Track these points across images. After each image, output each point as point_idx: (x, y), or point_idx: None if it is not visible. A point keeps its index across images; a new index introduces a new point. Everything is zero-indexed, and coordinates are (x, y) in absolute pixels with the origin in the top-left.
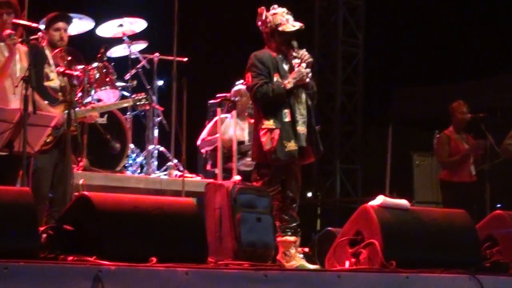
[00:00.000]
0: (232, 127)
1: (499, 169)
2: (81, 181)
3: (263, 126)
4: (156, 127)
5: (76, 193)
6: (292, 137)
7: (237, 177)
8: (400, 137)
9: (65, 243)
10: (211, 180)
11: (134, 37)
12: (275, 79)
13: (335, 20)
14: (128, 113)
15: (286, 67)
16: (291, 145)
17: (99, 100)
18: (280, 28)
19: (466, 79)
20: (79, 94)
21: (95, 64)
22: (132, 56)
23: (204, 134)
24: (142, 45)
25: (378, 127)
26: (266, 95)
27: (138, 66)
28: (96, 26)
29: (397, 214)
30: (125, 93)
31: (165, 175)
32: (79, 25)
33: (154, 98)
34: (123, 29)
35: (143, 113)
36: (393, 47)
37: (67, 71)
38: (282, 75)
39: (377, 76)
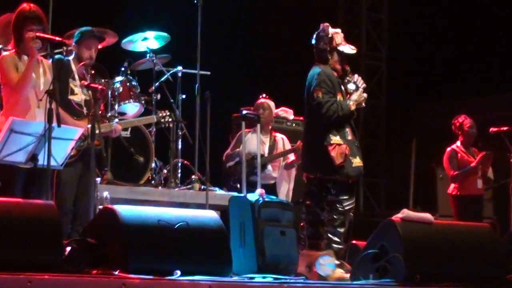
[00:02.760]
0: (253, 141)
1: None
2: (105, 194)
3: (331, 142)
4: (179, 140)
5: (100, 206)
6: (356, 153)
7: (261, 190)
8: (423, 151)
9: (89, 256)
10: (235, 193)
11: (158, 51)
12: (338, 98)
13: (358, 33)
14: (152, 126)
15: (342, 87)
16: (357, 161)
17: (122, 114)
18: (340, 48)
19: (490, 93)
20: (103, 108)
21: (118, 78)
22: (156, 70)
23: (228, 149)
24: (165, 58)
25: (402, 140)
26: (336, 113)
27: (162, 79)
28: (120, 40)
29: (421, 228)
30: (149, 107)
31: (189, 188)
32: (104, 39)
33: (178, 111)
34: (147, 42)
35: (167, 126)
36: (416, 60)
37: (91, 85)
38: (343, 96)
39: (400, 89)
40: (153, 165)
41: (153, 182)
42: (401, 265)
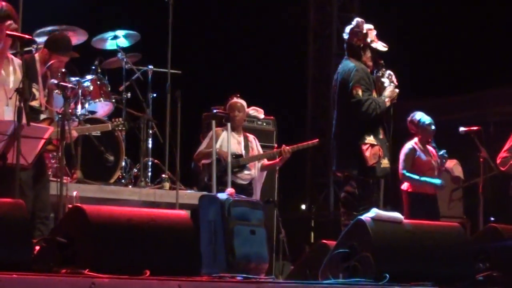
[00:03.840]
0: (230, 140)
1: (493, 183)
2: (74, 193)
3: (365, 141)
4: (150, 139)
5: (70, 205)
6: (386, 154)
7: (231, 190)
8: (392, 151)
9: (58, 255)
10: (205, 193)
11: (128, 50)
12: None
13: (329, 33)
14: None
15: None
16: (385, 163)
17: (93, 112)
18: (373, 45)
19: (460, 93)
20: (73, 106)
21: (89, 76)
22: (126, 68)
23: (201, 147)
24: (136, 57)
25: None
26: (374, 111)
27: (132, 78)
28: (90, 38)
29: (391, 227)
30: (119, 106)
31: (159, 187)
32: (73, 37)
33: (148, 110)
34: (118, 41)
35: (137, 125)
36: (387, 60)
37: (62, 83)
38: (376, 92)
39: None
40: (123, 164)
41: (123, 181)
42: (371, 264)
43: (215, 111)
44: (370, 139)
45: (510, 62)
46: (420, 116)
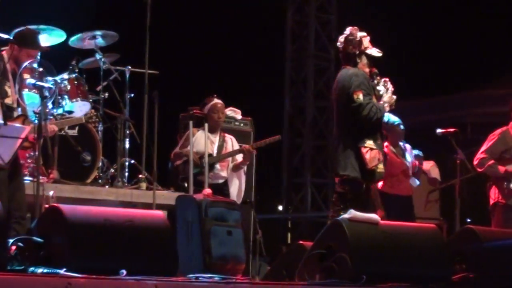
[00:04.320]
0: (202, 140)
1: (469, 184)
2: (51, 193)
3: (365, 145)
4: (127, 139)
5: (47, 205)
6: (382, 159)
7: (208, 190)
8: None
9: (34, 255)
10: (182, 193)
11: (106, 49)
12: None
13: (307, 34)
14: (100, 125)
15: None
16: (381, 168)
17: (70, 112)
18: (368, 51)
19: (436, 94)
20: (50, 106)
21: (66, 76)
22: (104, 68)
23: (177, 147)
24: (114, 57)
25: None
26: (375, 116)
27: (110, 78)
28: (68, 38)
29: (368, 228)
30: (96, 106)
31: (136, 187)
32: (51, 36)
33: (126, 110)
34: (95, 41)
35: (114, 125)
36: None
37: (39, 83)
38: (375, 98)
39: None
40: (100, 164)
41: (100, 181)
42: (348, 265)
43: (192, 111)
44: (369, 142)
45: (487, 64)
46: (388, 117)
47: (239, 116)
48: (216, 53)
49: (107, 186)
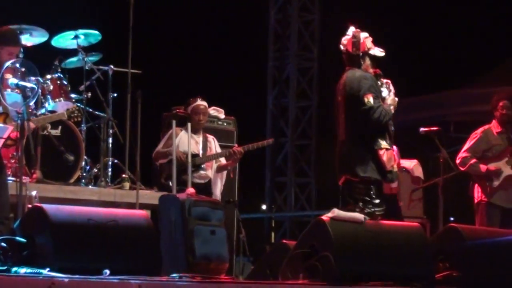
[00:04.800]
0: (186, 140)
1: (452, 183)
2: (34, 193)
3: (381, 146)
4: (110, 139)
5: (30, 205)
6: (393, 160)
7: (191, 190)
8: None
9: (17, 255)
10: (165, 193)
11: (89, 49)
12: None
13: (289, 33)
14: (83, 125)
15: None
16: (395, 168)
17: (53, 112)
18: (371, 52)
19: (419, 93)
20: (33, 106)
21: (49, 76)
22: (87, 68)
23: (159, 146)
24: (96, 57)
25: (332, 140)
26: (385, 118)
27: (93, 78)
28: (50, 38)
29: (351, 227)
30: (79, 105)
31: (119, 187)
32: (33, 36)
33: (108, 110)
34: (78, 40)
35: (97, 125)
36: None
37: (21, 83)
38: (382, 100)
39: (331, 89)
40: (83, 164)
41: (83, 181)
42: (331, 264)
43: (175, 111)
44: (384, 144)
45: (470, 63)
46: None
47: (222, 116)
48: (199, 53)
49: (90, 186)
